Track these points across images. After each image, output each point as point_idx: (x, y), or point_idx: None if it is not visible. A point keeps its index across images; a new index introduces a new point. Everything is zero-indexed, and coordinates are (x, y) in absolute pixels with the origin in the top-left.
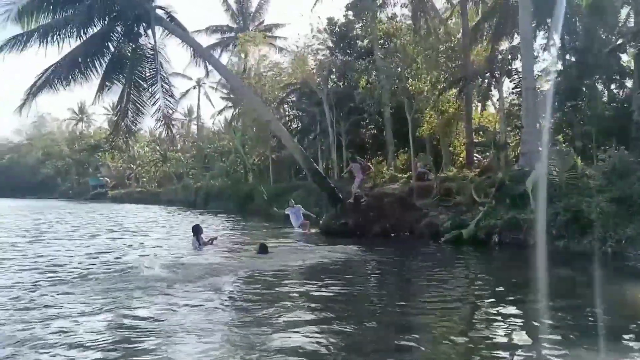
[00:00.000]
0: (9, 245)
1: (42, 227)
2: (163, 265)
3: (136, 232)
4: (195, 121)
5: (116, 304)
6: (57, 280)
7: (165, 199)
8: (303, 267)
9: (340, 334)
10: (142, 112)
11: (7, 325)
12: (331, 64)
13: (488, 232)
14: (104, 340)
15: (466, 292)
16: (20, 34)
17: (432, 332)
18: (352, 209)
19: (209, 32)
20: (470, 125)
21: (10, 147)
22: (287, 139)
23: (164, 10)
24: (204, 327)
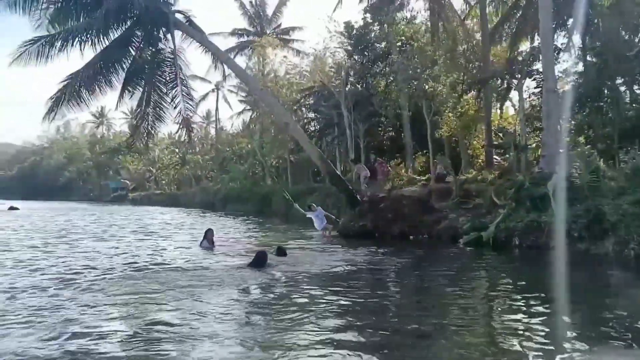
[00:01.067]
0: (31, 247)
1: (67, 229)
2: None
3: (158, 233)
4: (213, 124)
5: (138, 307)
6: (80, 282)
7: (184, 202)
8: (322, 270)
9: (359, 339)
10: (161, 116)
11: (31, 326)
12: (350, 67)
13: (508, 234)
14: (122, 342)
15: (486, 296)
16: (40, 39)
17: (452, 336)
18: (371, 211)
19: (226, 36)
20: (489, 127)
21: (34, 150)
22: (305, 141)
23: (182, 15)
24: (224, 332)
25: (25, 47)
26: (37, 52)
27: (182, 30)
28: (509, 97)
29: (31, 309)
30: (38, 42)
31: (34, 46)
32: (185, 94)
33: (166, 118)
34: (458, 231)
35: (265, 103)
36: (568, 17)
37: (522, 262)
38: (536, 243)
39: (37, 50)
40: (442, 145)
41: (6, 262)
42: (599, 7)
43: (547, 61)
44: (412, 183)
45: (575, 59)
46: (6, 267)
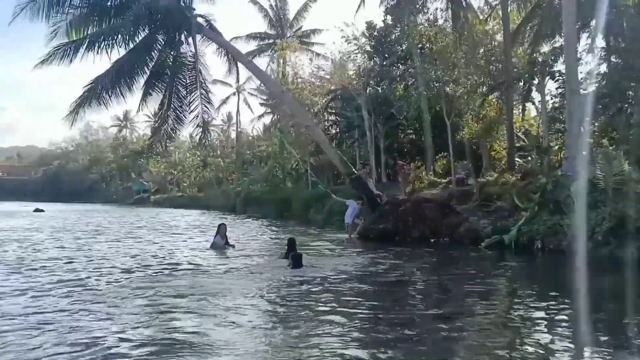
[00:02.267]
0: (56, 248)
1: (94, 230)
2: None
3: (183, 234)
4: (234, 127)
5: (157, 309)
6: (106, 283)
7: (205, 204)
8: (342, 274)
9: (380, 343)
10: (181, 119)
11: (54, 323)
12: (370, 70)
13: (530, 237)
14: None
15: (507, 300)
16: (69, 43)
17: (472, 340)
18: (391, 214)
19: (247, 39)
20: (511, 129)
21: (59, 153)
22: (325, 143)
23: (204, 19)
24: (242, 340)
25: (53, 51)
26: (63, 55)
27: (204, 34)
28: (531, 98)
29: (34, 313)
30: (65, 46)
31: (60, 50)
32: (204, 97)
33: (186, 121)
34: (479, 234)
35: (286, 105)
36: (591, 17)
37: (544, 266)
38: (559, 246)
39: (62, 53)
40: (463, 147)
41: (31, 263)
42: (623, 7)
43: (571, 62)
44: (432, 186)
45: (598, 59)
46: (26, 267)
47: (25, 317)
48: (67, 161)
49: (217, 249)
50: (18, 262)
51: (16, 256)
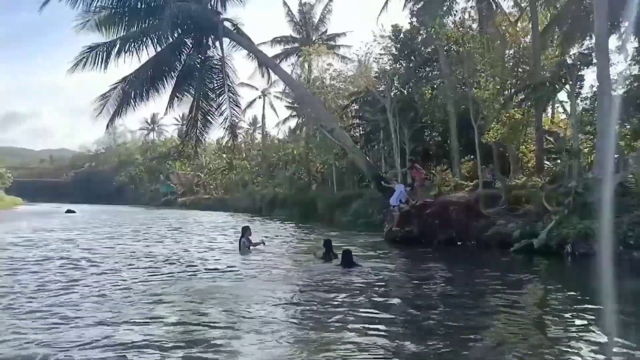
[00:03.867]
0: (83, 249)
1: (125, 231)
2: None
3: (210, 236)
4: (260, 130)
5: (183, 309)
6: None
7: (232, 206)
8: (367, 276)
9: (404, 347)
10: (210, 122)
11: (84, 319)
12: (395, 73)
13: (560, 241)
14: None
15: (536, 305)
16: (100, 45)
17: (500, 345)
18: (417, 217)
19: (272, 43)
20: (540, 132)
21: (89, 156)
22: (350, 146)
23: (231, 23)
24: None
25: (84, 54)
26: (95, 58)
27: (230, 37)
28: (560, 101)
29: (71, 306)
30: (95, 49)
31: (91, 53)
32: (232, 100)
33: (214, 124)
34: (507, 238)
35: (312, 108)
36: (622, 18)
37: (574, 270)
38: (589, 251)
39: (94, 56)
40: (490, 150)
41: (56, 260)
42: None
43: (602, 64)
44: (458, 189)
45: (630, 61)
46: (55, 265)
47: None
48: (97, 164)
49: (244, 251)
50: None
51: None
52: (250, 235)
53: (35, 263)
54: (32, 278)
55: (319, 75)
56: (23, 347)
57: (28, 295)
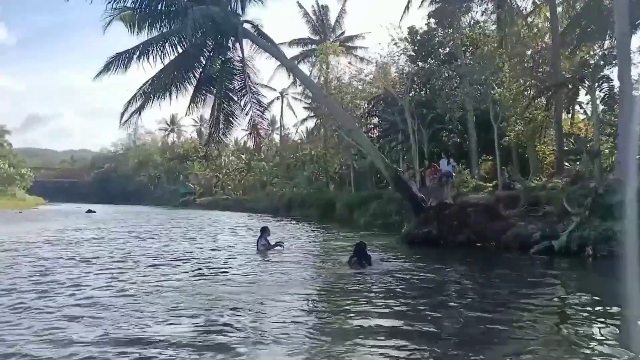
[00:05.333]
0: (114, 246)
1: (144, 231)
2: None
3: (229, 237)
4: (278, 131)
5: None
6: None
7: (250, 207)
8: (385, 278)
9: (422, 354)
10: (232, 123)
11: (106, 318)
12: (414, 73)
13: (581, 244)
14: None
15: (556, 308)
16: (123, 52)
17: (519, 350)
18: (436, 218)
19: (290, 45)
20: (560, 133)
21: (108, 157)
22: (368, 147)
23: (251, 24)
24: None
25: (110, 62)
26: (119, 64)
27: (250, 39)
28: (580, 101)
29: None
30: (119, 56)
31: (116, 59)
32: (254, 101)
33: (236, 125)
34: (527, 239)
35: (330, 109)
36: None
37: (595, 273)
38: (611, 253)
39: (117, 62)
40: (509, 151)
41: (74, 258)
42: None
43: (624, 64)
44: (477, 190)
45: None
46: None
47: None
48: (117, 164)
49: (263, 252)
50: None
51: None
52: (268, 236)
53: (54, 261)
54: (54, 277)
55: (336, 75)
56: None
57: (50, 293)
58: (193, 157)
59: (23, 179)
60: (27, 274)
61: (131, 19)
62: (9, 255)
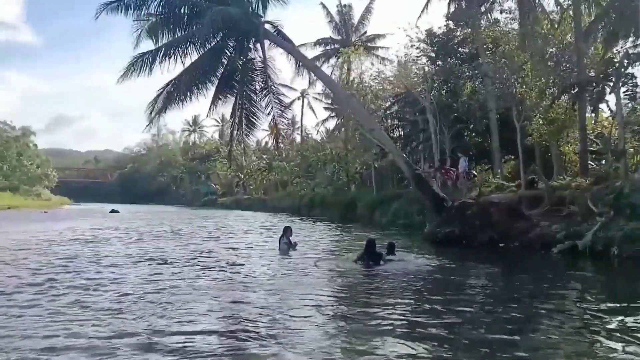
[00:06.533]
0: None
1: (170, 230)
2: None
3: (253, 236)
4: (298, 131)
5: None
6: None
7: (271, 206)
8: (408, 278)
9: (443, 350)
10: (253, 123)
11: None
12: (434, 74)
13: (606, 244)
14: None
15: (580, 310)
16: (146, 53)
17: (540, 354)
18: (458, 218)
19: (312, 45)
20: (584, 132)
21: (132, 157)
22: (390, 146)
23: (271, 25)
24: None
25: (132, 63)
26: (142, 66)
27: (271, 40)
28: (605, 100)
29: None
30: (143, 56)
31: (138, 61)
32: (275, 101)
33: (258, 125)
34: (551, 239)
35: (352, 109)
36: None
37: (620, 274)
38: (637, 253)
39: (141, 64)
40: (532, 150)
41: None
42: None
43: None
44: (500, 189)
45: None
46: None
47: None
48: (140, 165)
49: (285, 251)
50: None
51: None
52: (290, 236)
53: (78, 260)
54: (80, 275)
55: (358, 76)
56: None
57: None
58: (215, 157)
59: (48, 179)
60: (53, 272)
61: (154, 28)
62: (37, 253)
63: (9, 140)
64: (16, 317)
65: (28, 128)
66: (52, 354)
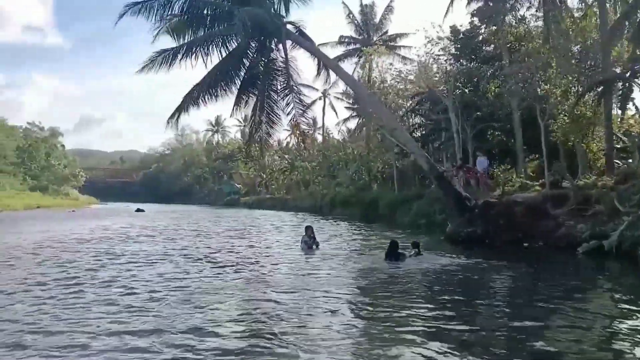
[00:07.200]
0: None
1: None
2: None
3: (274, 235)
4: (320, 130)
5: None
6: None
7: (293, 206)
8: (432, 277)
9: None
10: (274, 123)
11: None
12: (457, 72)
13: (634, 243)
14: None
15: (605, 313)
16: (168, 50)
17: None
18: (481, 217)
19: (334, 45)
20: (610, 130)
21: (156, 157)
22: (412, 146)
23: (293, 25)
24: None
25: (153, 58)
26: (162, 61)
27: (293, 40)
28: (632, 98)
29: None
30: (164, 52)
31: (159, 57)
32: (297, 101)
33: (279, 125)
34: (576, 239)
35: (373, 108)
36: None
37: None
38: None
39: (162, 60)
40: (556, 149)
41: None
42: None
43: None
44: (524, 189)
45: None
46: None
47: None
48: (164, 165)
49: (306, 250)
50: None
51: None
52: (312, 235)
53: (107, 258)
54: (105, 273)
55: (380, 75)
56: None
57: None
58: (237, 157)
59: (76, 179)
60: (84, 268)
61: (177, 28)
62: (68, 250)
63: (37, 141)
64: (49, 313)
65: (56, 129)
66: (80, 351)
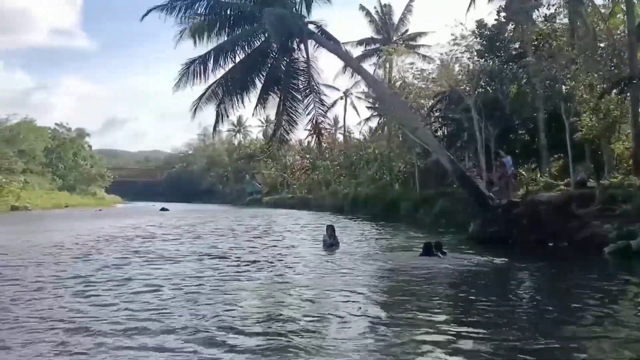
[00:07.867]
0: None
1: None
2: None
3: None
4: (341, 130)
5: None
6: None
7: (315, 205)
8: (456, 279)
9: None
10: (295, 122)
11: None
12: (481, 70)
13: None
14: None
15: (632, 316)
16: (195, 60)
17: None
18: (504, 217)
19: (354, 45)
20: (637, 128)
21: (180, 157)
22: (434, 145)
23: (315, 25)
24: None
25: (184, 71)
26: (194, 73)
27: (315, 39)
28: None
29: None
30: (192, 64)
31: (189, 68)
32: (317, 100)
33: (300, 125)
34: (603, 239)
35: (395, 108)
36: None
37: None
38: None
39: (193, 71)
40: (581, 148)
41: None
42: None
43: None
44: (548, 188)
45: None
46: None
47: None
48: (188, 164)
49: (328, 249)
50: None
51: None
52: (333, 234)
53: (129, 256)
54: (126, 270)
55: (401, 74)
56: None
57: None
58: (259, 157)
59: (103, 179)
60: (113, 265)
61: (198, 29)
62: (98, 248)
63: (65, 142)
64: (81, 311)
65: (83, 130)
66: (104, 350)
